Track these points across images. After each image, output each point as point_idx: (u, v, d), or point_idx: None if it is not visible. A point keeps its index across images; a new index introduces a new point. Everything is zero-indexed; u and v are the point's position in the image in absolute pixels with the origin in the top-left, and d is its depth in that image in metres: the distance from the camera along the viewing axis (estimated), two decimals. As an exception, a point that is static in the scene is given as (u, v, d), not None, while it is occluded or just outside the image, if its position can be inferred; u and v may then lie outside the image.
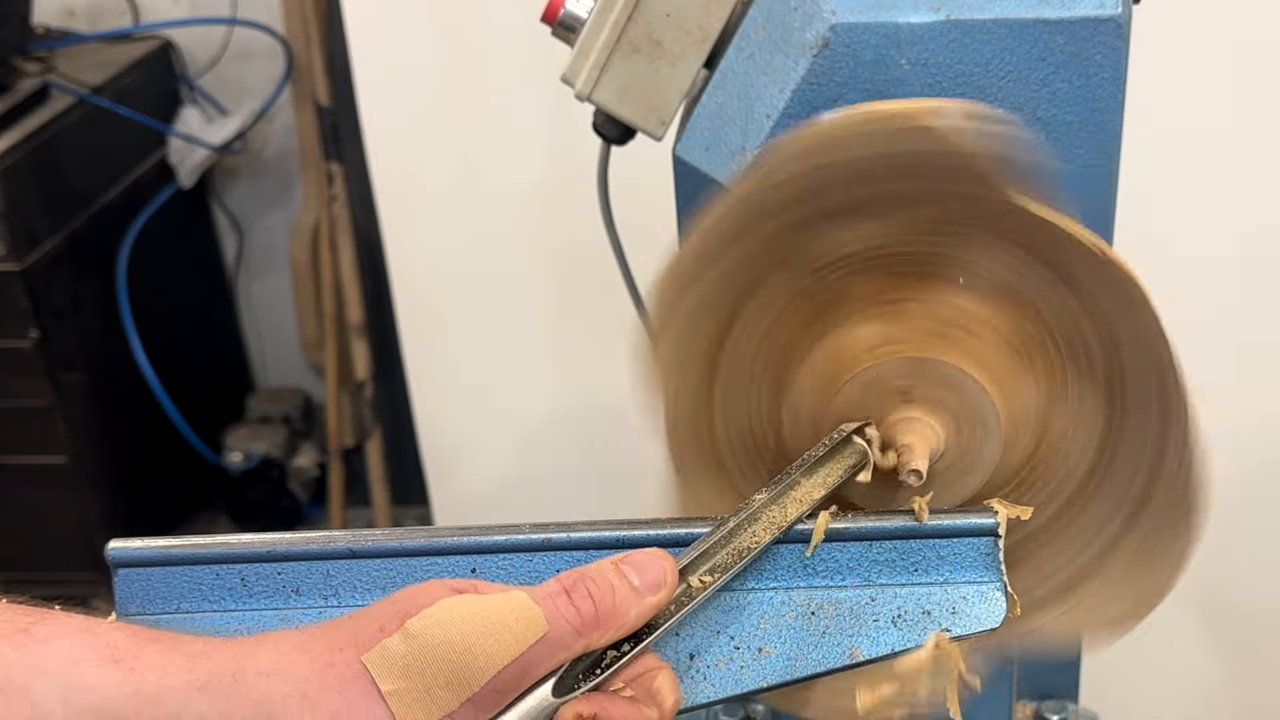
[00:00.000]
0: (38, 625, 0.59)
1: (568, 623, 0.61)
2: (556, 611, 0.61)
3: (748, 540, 0.67)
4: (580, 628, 0.61)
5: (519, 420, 2.04)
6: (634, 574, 0.63)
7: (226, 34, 2.70)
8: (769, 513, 0.68)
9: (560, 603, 0.61)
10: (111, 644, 0.58)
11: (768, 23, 0.81)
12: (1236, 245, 1.62)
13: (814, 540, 0.68)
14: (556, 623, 0.60)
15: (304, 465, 2.88)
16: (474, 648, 0.59)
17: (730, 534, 0.67)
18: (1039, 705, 1.03)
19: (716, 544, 0.67)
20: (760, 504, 0.68)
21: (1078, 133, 0.80)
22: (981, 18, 0.78)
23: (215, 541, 0.70)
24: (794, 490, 0.69)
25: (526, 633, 0.60)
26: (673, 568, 0.64)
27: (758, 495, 0.68)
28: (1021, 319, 0.71)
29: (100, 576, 0.68)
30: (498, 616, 0.60)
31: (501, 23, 1.76)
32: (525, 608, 0.60)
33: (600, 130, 0.91)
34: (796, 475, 0.69)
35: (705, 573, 0.66)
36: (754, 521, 0.68)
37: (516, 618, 0.60)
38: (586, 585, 0.62)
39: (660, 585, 0.63)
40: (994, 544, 0.68)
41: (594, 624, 0.61)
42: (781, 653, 0.68)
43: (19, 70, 2.48)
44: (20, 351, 2.37)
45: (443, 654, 0.58)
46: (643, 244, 1.07)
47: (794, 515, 0.68)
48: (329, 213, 2.51)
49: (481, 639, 0.59)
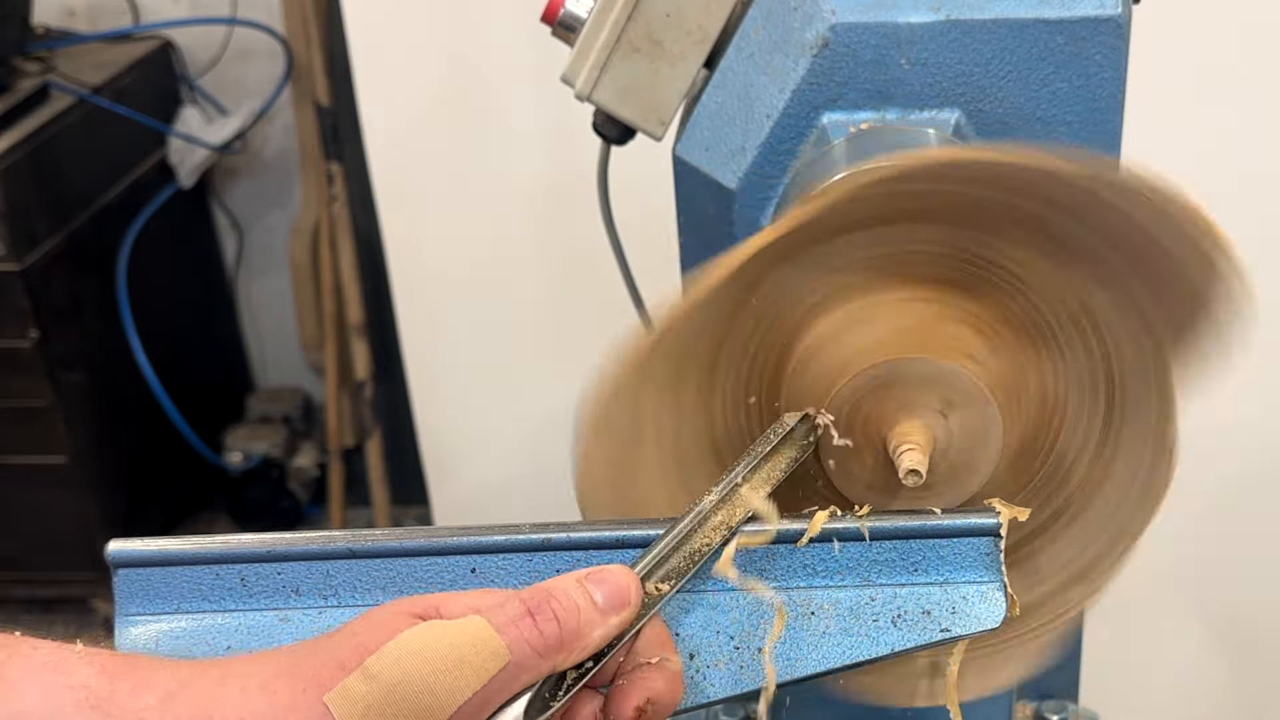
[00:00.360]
0: (6, 665, 0.59)
1: (531, 647, 0.60)
2: (520, 636, 0.60)
3: (699, 542, 0.67)
4: (544, 650, 0.60)
5: (519, 420, 2.04)
6: (598, 592, 0.63)
7: (226, 34, 2.70)
8: (719, 513, 0.68)
9: (524, 626, 0.60)
10: (84, 684, 0.58)
11: (768, 23, 0.81)
12: (1237, 244, 1.62)
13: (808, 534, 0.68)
14: (519, 647, 0.60)
15: (304, 465, 2.88)
16: (434, 686, 0.58)
17: (683, 538, 0.67)
18: (1039, 705, 1.03)
19: (670, 549, 0.67)
20: (710, 505, 0.68)
21: (1078, 133, 0.80)
22: (981, 18, 0.78)
23: (215, 541, 0.70)
24: (741, 488, 0.69)
25: (487, 664, 0.59)
26: (637, 586, 0.64)
27: (706, 496, 0.68)
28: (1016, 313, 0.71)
29: (100, 576, 0.68)
30: (457, 651, 0.59)
31: (501, 23, 1.76)
32: (486, 638, 0.60)
33: (600, 130, 0.91)
34: (741, 472, 0.69)
35: (660, 579, 0.66)
36: (704, 523, 0.68)
37: (476, 650, 0.59)
38: (551, 606, 0.61)
39: (625, 604, 0.63)
40: (994, 544, 0.68)
41: (558, 646, 0.61)
42: (781, 653, 0.68)
43: (19, 70, 2.48)
44: (20, 351, 2.37)
45: (403, 693, 0.58)
46: (643, 244, 1.07)
47: (742, 515, 0.68)
48: (329, 213, 2.51)
49: (441, 675, 0.58)
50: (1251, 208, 1.62)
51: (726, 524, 0.68)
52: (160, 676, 0.59)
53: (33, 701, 0.58)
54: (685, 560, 0.67)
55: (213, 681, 0.59)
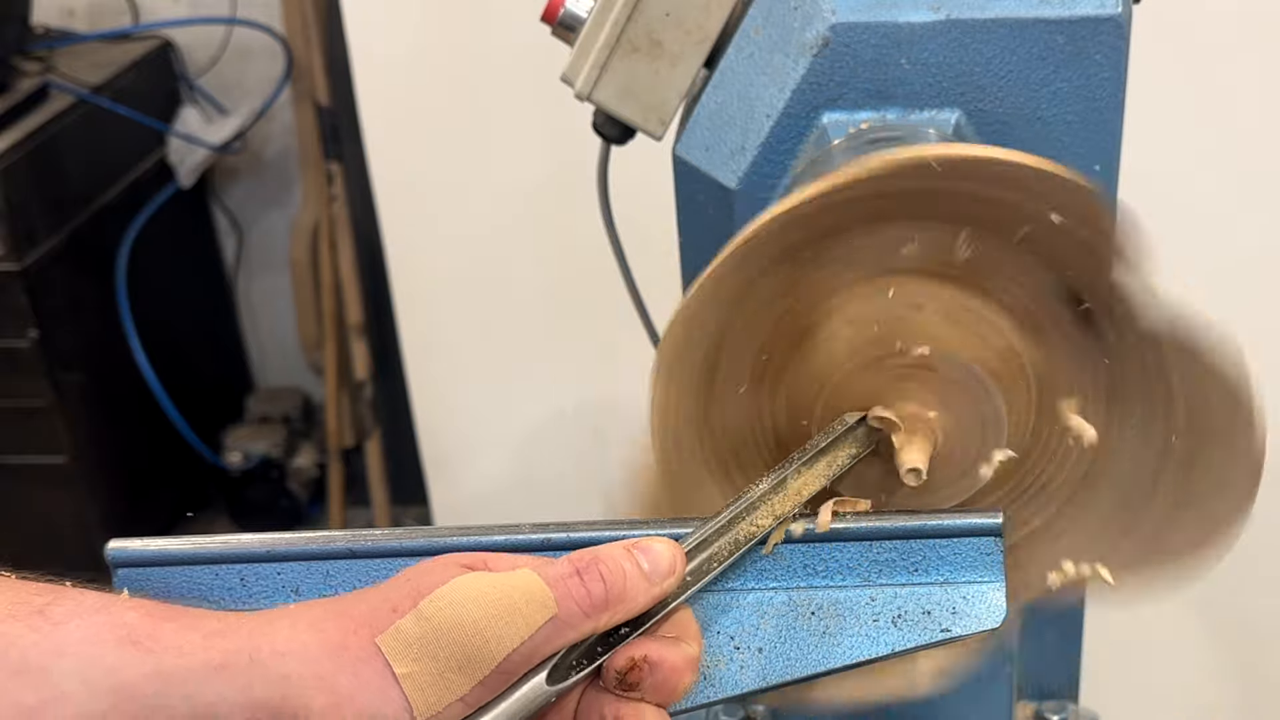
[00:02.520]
0: (52, 605, 0.59)
1: (577, 604, 0.61)
2: (567, 593, 0.61)
3: (746, 529, 0.67)
4: (589, 609, 0.61)
5: (519, 420, 2.04)
6: (645, 559, 0.63)
7: (226, 34, 2.70)
8: (769, 502, 0.68)
9: (572, 584, 0.61)
10: (127, 624, 0.59)
11: (768, 23, 0.81)
12: (1237, 245, 1.62)
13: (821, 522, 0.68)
14: (565, 604, 0.60)
15: (303, 465, 2.88)
16: (486, 630, 0.59)
17: (729, 523, 0.67)
18: (1039, 705, 1.03)
19: (715, 532, 0.67)
20: (760, 493, 0.68)
21: (1078, 133, 0.80)
22: (981, 17, 0.78)
23: (215, 541, 0.70)
24: (795, 480, 0.69)
25: (536, 615, 0.60)
26: (682, 557, 0.65)
27: (758, 484, 0.68)
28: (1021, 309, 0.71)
29: (100, 576, 0.68)
30: (508, 598, 0.59)
31: (501, 22, 1.76)
32: (536, 589, 0.60)
33: (600, 130, 0.91)
34: (797, 465, 0.69)
35: (703, 561, 0.66)
36: (753, 510, 0.68)
37: (527, 600, 0.60)
38: (599, 568, 0.62)
39: (670, 573, 0.64)
40: (994, 544, 0.68)
41: (603, 606, 0.61)
42: (781, 653, 0.68)
43: (19, 70, 2.48)
44: (20, 351, 2.37)
45: (455, 637, 0.58)
46: (643, 244, 1.07)
47: (793, 505, 0.68)
48: (329, 213, 2.51)
49: (493, 621, 0.59)
50: (1251, 207, 1.63)
51: (776, 513, 0.68)
52: (206, 620, 0.60)
53: (75, 638, 0.58)
54: (729, 545, 0.67)
55: (261, 622, 0.60)
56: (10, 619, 0.59)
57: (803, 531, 0.69)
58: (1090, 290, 0.68)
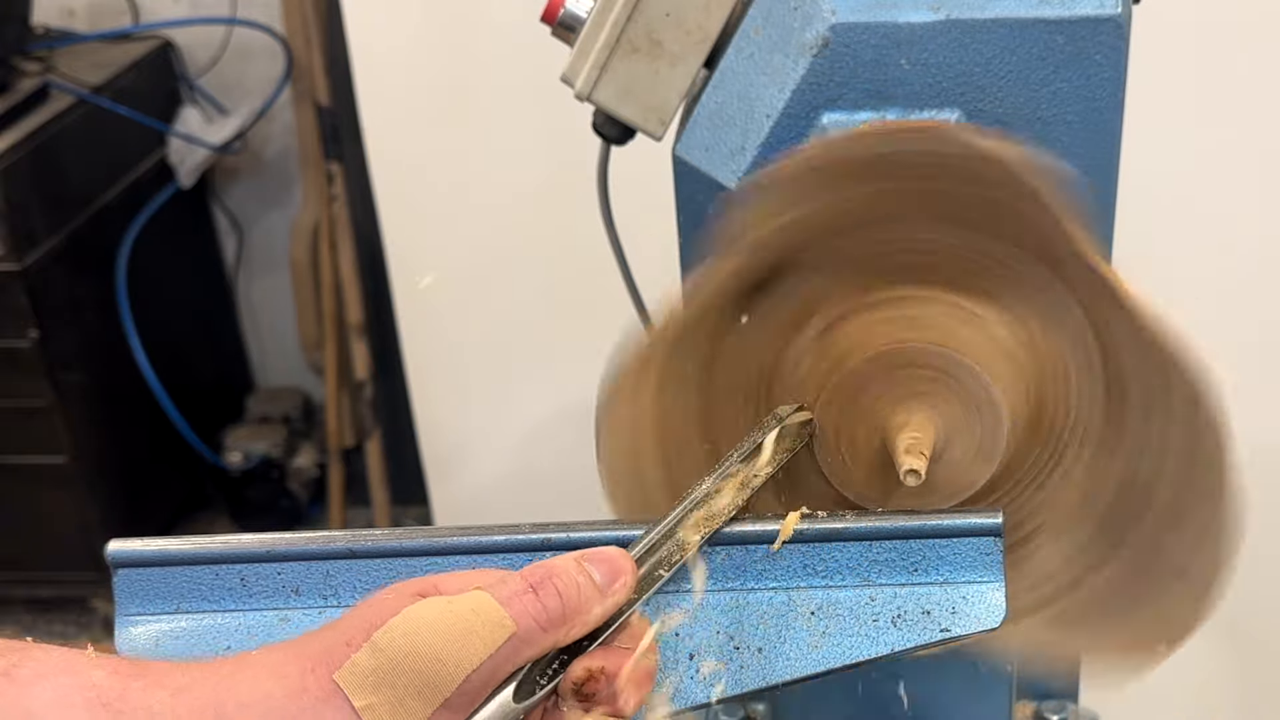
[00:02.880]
0: (18, 667, 0.59)
1: (534, 620, 0.61)
2: (523, 610, 0.61)
3: (691, 533, 0.67)
4: (547, 624, 0.61)
5: (519, 420, 2.04)
6: (595, 570, 0.63)
7: (226, 34, 2.70)
8: (710, 503, 0.68)
9: (528, 601, 0.61)
10: (96, 684, 0.59)
11: (768, 23, 0.81)
12: (1237, 244, 1.62)
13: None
14: (524, 621, 0.61)
15: (304, 465, 2.88)
16: (442, 654, 0.59)
17: (674, 527, 0.67)
18: (1039, 705, 1.03)
19: (661, 537, 0.67)
20: (702, 494, 0.68)
21: (1078, 133, 0.80)
22: (981, 17, 0.78)
23: (215, 541, 0.70)
24: (734, 478, 0.69)
25: (493, 635, 0.60)
26: (632, 566, 0.65)
27: (698, 486, 0.68)
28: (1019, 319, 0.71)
29: (100, 576, 0.68)
30: (463, 620, 0.60)
31: (501, 22, 1.76)
32: (490, 609, 0.60)
33: (600, 130, 0.91)
34: (735, 463, 0.69)
35: (650, 567, 0.66)
36: (698, 507, 0.68)
37: (482, 621, 0.60)
38: (554, 582, 0.62)
39: (621, 583, 0.64)
40: (994, 544, 0.68)
41: (560, 620, 0.62)
42: (781, 653, 0.68)
43: (19, 70, 2.48)
44: (20, 351, 2.37)
45: (411, 664, 0.59)
46: (643, 244, 1.07)
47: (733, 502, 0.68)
48: (329, 213, 2.51)
49: (449, 645, 0.59)
50: (1251, 208, 1.62)
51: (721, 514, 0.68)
52: (172, 676, 0.60)
53: (44, 701, 0.58)
54: (675, 549, 0.67)
55: (224, 675, 0.60)
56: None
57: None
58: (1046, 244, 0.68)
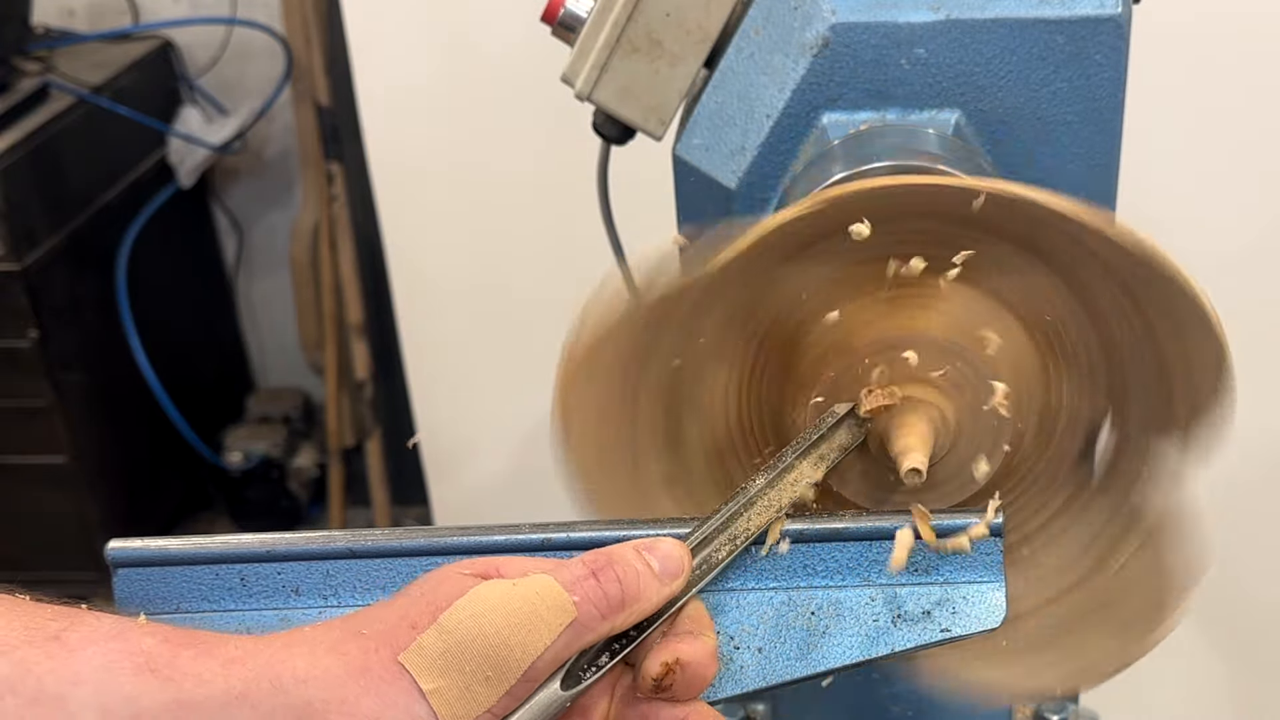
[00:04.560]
0: (68, 631, 0.58)
1: (594, 606, 0.61)
2: (585, 596, 0.60)
3: (744, 525, 0.67)
4: (606, 611, 0.61)
5: (519, 420, 2.03)
6: (655, 560, 0.63)
7: (226, 34, 2.70)
8: (765, 497, 0.68)
9: (589, 587, 0.61)
10: (145, 651, 0.58)
11: (768, 23, 0.81)
12: (1237, 244, 1.62)
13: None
14: (584, 605, 0.60)
15: (304, 465, 2.88)
16: (510, 639, 0.58)
17: (728, 520, 0.67)
18: (1039, 705, 1.03)
19: (715, 530, 0.67)
20: (757, 489, 0.68)
21: (1078, 133, 0.80)
22: (981, 17, 0.78)
23: (215, 541, 0.70)
24: (790, 473, 0.69)
25: (557, 620, 0.59)
26: (689, 556, 0.65)
27: (754, 480, 0.68)
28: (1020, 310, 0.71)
29: (100, 576, 0.68)
30: (530, 605, 0.59)
31: (501, 22, 1.76)
32: (555, 594, 0.60)
33: (600, 130, 0.91)
34: (792, 459, 0.69)
35: (705, 557, 0.66)
36: (750, 506, 0.68)
37: (547, 605, 0.59)
38: (615, 569, 0.62)
39: (679, 573, 0.64)
40: (994, 544, 0.68)
41: (619, 607, 0.61)
42: (781, 653, 0.68)
43: (19, 70, 2.48)
44: (20, 351, 2.37)
45: (479, 648, 0.58)
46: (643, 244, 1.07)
47: (790, 497, 0.68)
48: (329, 213, 2.51)
49: (516, 629, 0.59)
50: (1252, 208, 1.62)
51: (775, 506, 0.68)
52: (224, 646, 0.59)
53: (93, 665, 0.57)
54: (729, 542, 0.67)
55: (279, 647, 0.59)
56: (26, 645, 0.57)
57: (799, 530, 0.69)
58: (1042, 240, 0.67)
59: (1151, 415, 0.72)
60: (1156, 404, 0.71)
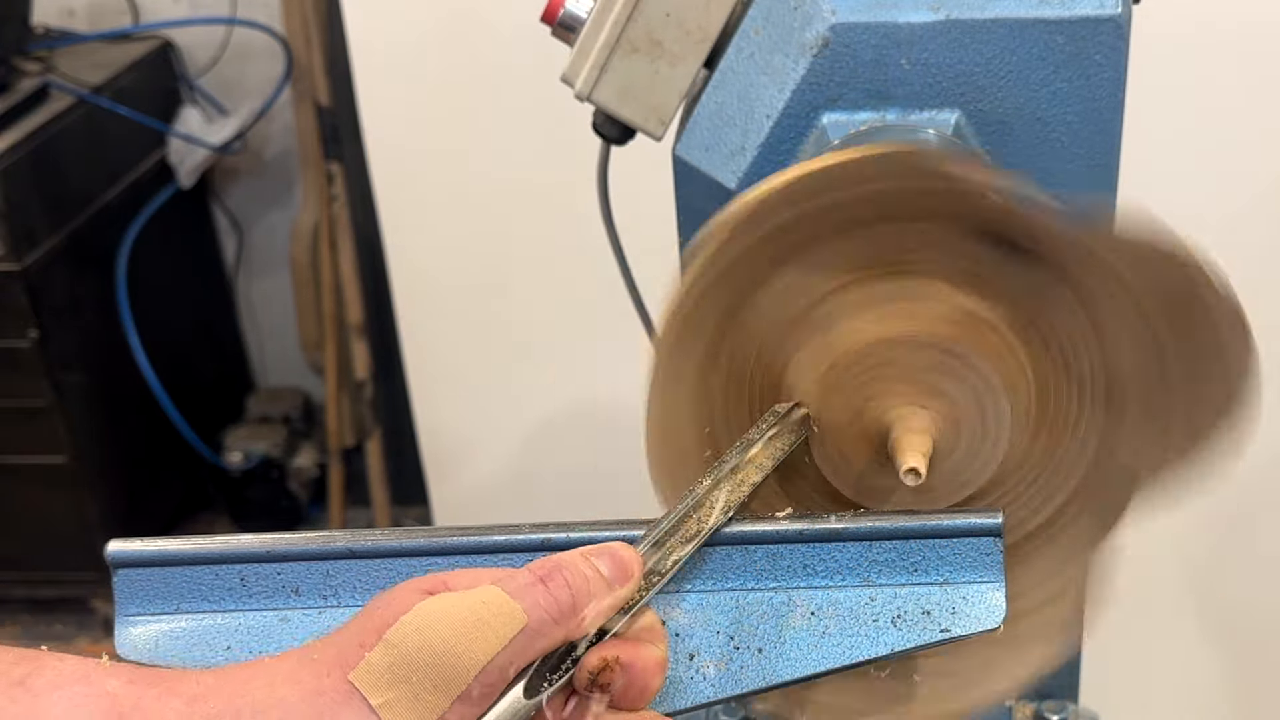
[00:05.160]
0: (32, 677, 0.59)
1: (546, 612, 0.61)
2: (535, 602, 0.61)
3: (694, 527, 0.67)
4: (558, 616, 0.61)
5: (519, 420, 2.04)
6: (604, 565, 0.64)
7: (226, 34, 2.70)
8: (712, 497, 0.68)
9: (538, 593, 0.61)
10: (110, 693, 0.58)
11: (768, 23, 0.81)
12: (1237, 244, 1.62)
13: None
14: (535, 612, 0.61)
15: (304, 465, 2.88)
16: (455, 647, 0.59)
17: (677, 523, 0.67)
18: (1039, 705, 1.03)
19: (665, 533, 0.67)
20: (702, 491, 0.68)
21: (1078, 133, 0.80)
22: (981, 17, 0.78)
23: (214, 541, 0.70)
24: (735, 474, 0.69)
25: (506, 627, 0.60)
26: (638, 560, 0.65)
27: (701, 482, 0.69)
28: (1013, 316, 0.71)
29: (100, 576, 0.68)
30: (474, 614, 0.60)
31: (501, 23, 1.76)
32: (501, 602, 0.60)
33: (600, 130, 0.91)
34: (735, 459, 0.69)
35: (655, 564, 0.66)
36: (699, 507, 0.68)
37: (494, 613, 0.60)
38: (562, 574, 0.62)
39: (628, 576, 0.64)
40: (994, 544, 0.68)
41: (570, 611, 0.62)
42: (781, 653, 0.68)
43: (19, 70, 2.48)
44: (20, 351, 2.37)
45: (425, 658, 0.59)
46: (643, 244, 1.07)
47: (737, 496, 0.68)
48: (329, 213, 2.51)
49: (462, 638, 0.59)
50: (1251, 208, 1.62)
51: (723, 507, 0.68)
52: (186, 683, 0.60)
53: (59, 710, 0.58)
54: (679, 543, 0.67)
55: (239, 682, 0.60)
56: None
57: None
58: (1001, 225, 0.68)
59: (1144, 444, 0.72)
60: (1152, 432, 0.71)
